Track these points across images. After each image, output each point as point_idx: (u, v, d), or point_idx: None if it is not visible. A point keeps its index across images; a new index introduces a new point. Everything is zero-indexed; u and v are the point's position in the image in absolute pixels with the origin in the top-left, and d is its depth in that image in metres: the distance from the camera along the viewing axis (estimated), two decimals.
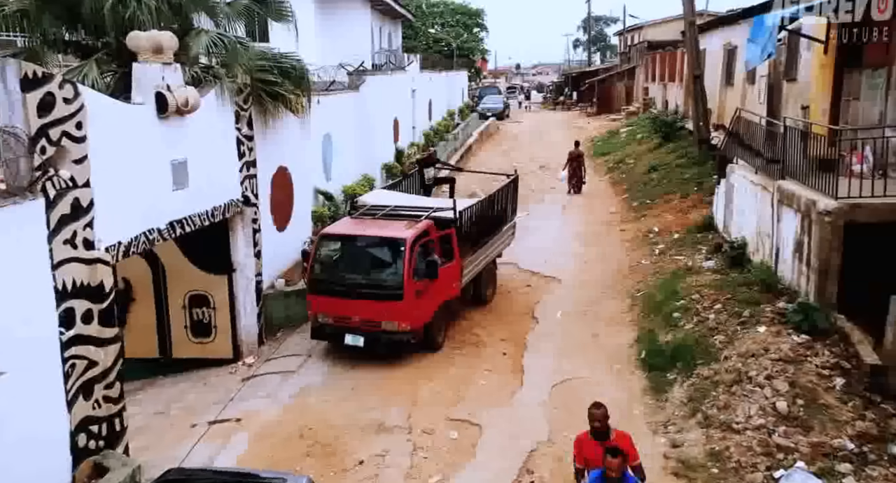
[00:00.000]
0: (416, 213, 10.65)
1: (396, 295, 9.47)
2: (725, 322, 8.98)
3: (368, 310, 9.61)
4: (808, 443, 6.53)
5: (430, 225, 10.24)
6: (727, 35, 20.41)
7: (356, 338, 9.69)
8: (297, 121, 11.78)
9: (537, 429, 7.94)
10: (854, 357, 7.66)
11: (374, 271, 9.94)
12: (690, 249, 13.00)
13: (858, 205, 8.16)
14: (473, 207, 11.44)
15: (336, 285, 9.81)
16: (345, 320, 9.75)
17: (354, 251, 10.21)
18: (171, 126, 8.12)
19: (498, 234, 12.38)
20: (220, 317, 10.17)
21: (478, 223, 11.40)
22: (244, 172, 10.07)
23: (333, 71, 16.92)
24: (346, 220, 10.97)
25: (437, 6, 54.06)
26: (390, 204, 11.17)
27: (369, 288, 9.67)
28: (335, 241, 10.33)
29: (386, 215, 10.66)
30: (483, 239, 11.62)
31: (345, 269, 10.04)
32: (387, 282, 9.64)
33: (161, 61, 7.90)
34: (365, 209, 11.06)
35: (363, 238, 10.20)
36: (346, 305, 9.70)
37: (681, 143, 21.56)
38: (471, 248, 11.10)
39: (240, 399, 8.99)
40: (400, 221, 10.34)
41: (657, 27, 46.53)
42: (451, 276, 10.45)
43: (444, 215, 10.55)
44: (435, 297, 10.03)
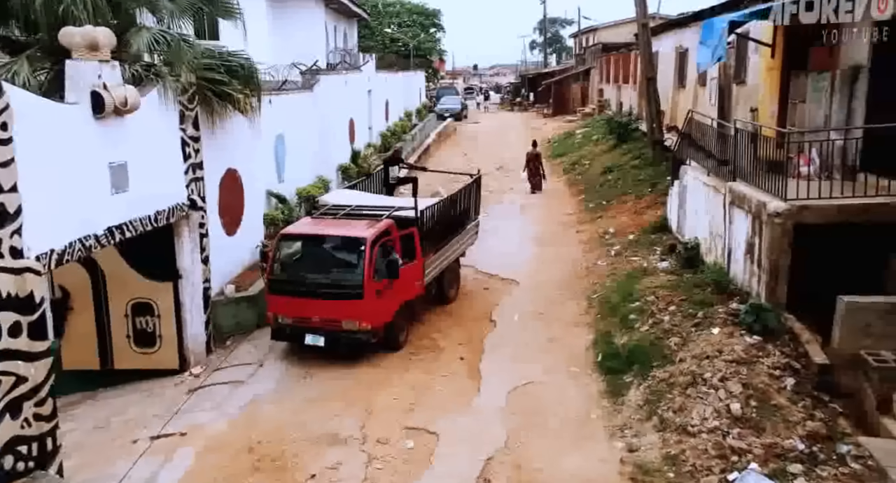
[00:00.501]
0: (377, 212, 10.64)
1: (357, 294, 9.44)
2: (680, 324, 9.02)
3: (329, 309, 9.57)
4: (761, 444, 6.56)
5: (391, 224, 10.21)
6: (679, 38, 20.75)
7: (316, 338, 9.65)
8: (247, 121, 11.40)
9: (494, 436, 7.81)
10: (804, 357, 7.76)
11: (335, 271, 9.87)
12: (646, 250, 13.10)
13: (806, 206, 8.28)
14: (435, 207, 11.46)
15: (296, 285, 9.73)
16: (305, 321, 9.70)
17: (314, 251, 10.16)
18: (109, 127, 7.72)
19: (461, 233, 12.43)
20: (165, 325, 9.76)
21: (440, 222, 11.43)
22: (190, 175, 9.68)
23: (286, 70, 16.55)
24: (307, 219, 10.92)
25: (394, 6, 53.77)
26: (351, 203, 11.15)
27: (330, 288, 9.61)
28: (295, 240, 10.27)
29: (347, 215, 10.64)
30: (446, 238, 11.67)
31: (305, 269, 9.96)
32: (347, 281, 9.57)
33: (97, 59, 7.50)
34: (325, 209, 11.03)
35: (323, 238, 10.19)
36: (307, 305, 9.64)
37: (635, 145, 21.83)
38: (433, 247, 11.11)
39: (185, 411, 8.62)
40: (361, 221, 10.31)
41: (611, 29, 47.26)
42: (413, 276, 10.45)
43: (406, 214, 10.53)
44: (396, 297, 10.01)
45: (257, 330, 10.88)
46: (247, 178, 11.96)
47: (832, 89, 9.73)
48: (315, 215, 10.91)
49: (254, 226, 12.43)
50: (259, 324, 10.87)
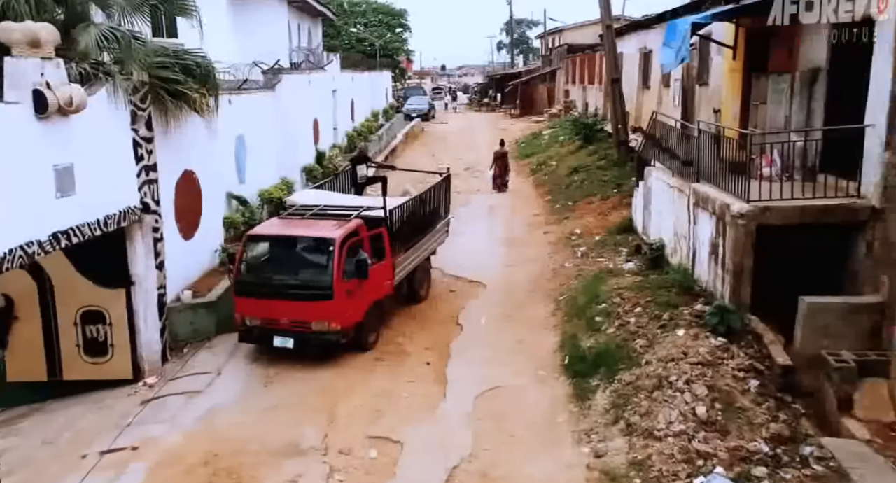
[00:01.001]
0: (345, 212, 10.54)
1: (326, 295, 9.34)
2: (646, 326, 8.98)
3: (297, 311, 9.46)
4: (726, 448, 6.53)
5: (360, 224, 10.14)
6: (643, 39, 20.93)
7: (285, 339, 9.52)
8: (205, 121, 11.07)
9: (460, 443, 7.66)
10: (767, 358, 7.77)
11: (303, 272, 9.75)
12: (612, 251, 13.10)
13: (769, 208, 8.30)
14: (405, 206, 11.40)
15: (264, 287, 9.62)
16: (273, 322, 9.57)
17: (282, 252, 10.07)
18: (54, 127, 7.36)
19: (431, 232, 12.40)
20: (118, 334, 9.38)
21: (410, 221, 11.40)
22: (143, 177, 9.32)
23: (247, 69, 16.18)
24: (274, 220, 10.82)
25: (360, 5, 53.36)
26: (319, 203, 11.04)
27: (298, 288, 9.51)
28: (262, 241, 10.17)
29: (315, 215, 10.54)
30: (416, 237, 11.63)
31: (273, 270, 9.86)
32: (316, 282, 9.46)
33: (39, 56, 7.13)
34: (293, 209, 10.91)
35: (291, 238, 10.05)
36: (275, 307, 9.51)
37: (601, 145, 21.92)
38: (403, 246, 11.04)
39: (138, 424, 8.26)
40: (329, 221, 10.21)
41: (577, 30, 47.61)
42: (383, 275, 10.40)
43: (375, 214, 10.46)
44: (366, 297, 9.91)
45: (216, 337, 10.56)
46: (205, 180, 11.61)
47: (792, 91, 9.82)
48: (282, 216, 10.76)
49: (213, 229, 12.08)
50: (218, 330, 10.56)
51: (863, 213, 8.04)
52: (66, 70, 7.53)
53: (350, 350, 9.83)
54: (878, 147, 7.81)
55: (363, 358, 9.91)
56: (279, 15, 23.84)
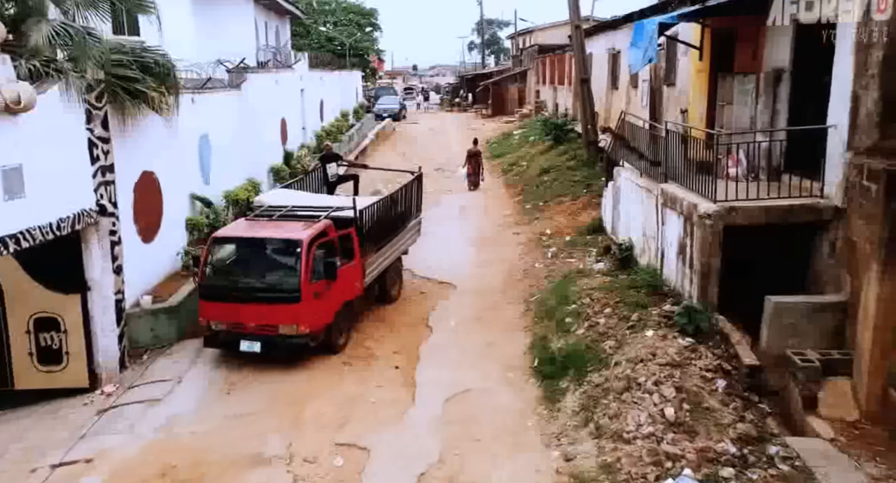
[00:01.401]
0: (314, 212, 10.38)
1: (293, 297, 9.17)
2: (615, 326, 8.95)
3: (264, 314, 9.27)
4: (694, 449, 6.49)
5: (329, 225, 10.00)
6: (611, 40, 21.02)
7: (252, 344, 9.31)
8: (166, 121, 10.75)
9: (428, 449, 7.51)
10: (734, 358, 7.79)
11: (270, 274, 9.57)
12: (582, 252, 13.09)
13: (735, 208, 8.33)
14: (375, 205, 11.23)
15: (230, 290, 9.43)
16: (240, 326, 9.38)
17: (249, 254, 9.89)
18: (1, 127, 7.03)
19: (402, 232, 12.28)
20: (73, 341, 9.06)
21: (380, 221, 11.27)
22: (99, 178, 9.01)
23: (211, 68, 15.82)
24: (241, 221, 10.58)
25: (329, 4, 52.96)
26: (288, 204, 10.85)
27: (265, 291, 9.34)
28: (228, 243, 9.99)
29: (283, 216, 10.35)
30: (387, 237, 11.51)
31: (239, 273, 9.68)
32: (283, 284, 9.30)
33: None
34: (261, 210, 10.69)
35: (258, 240, 9.86)
36: (241, 311, 9.33)
37: (571, 146, 21.99)
38: (374, 246, 10.92)
39: (93, 435, 7.97)
40: (297, 222, 10.03)
41: (547, 31, 47.82)
42: (353, 276, 10.25)
43: (344, 214, 10.32)
44: (335, 299, 9.76)
45: (178, 343, 10.26)
46: (166, 181, 11.30)
47: (757, 91, 9.88)
48: (250, 217, 10.54)
49: (175, 231, 11.76)
50: (180, 336, 10.27)
51: (826, 213, 8.11)
52: (13, 67, 7.20)
53: (318, 353, 9.65)
54: (840, 147, 7.88)
55: (330, 363, 9.71)
56: (245, 13, 23.44)
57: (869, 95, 7.45)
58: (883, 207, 6.81)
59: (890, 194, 6.70)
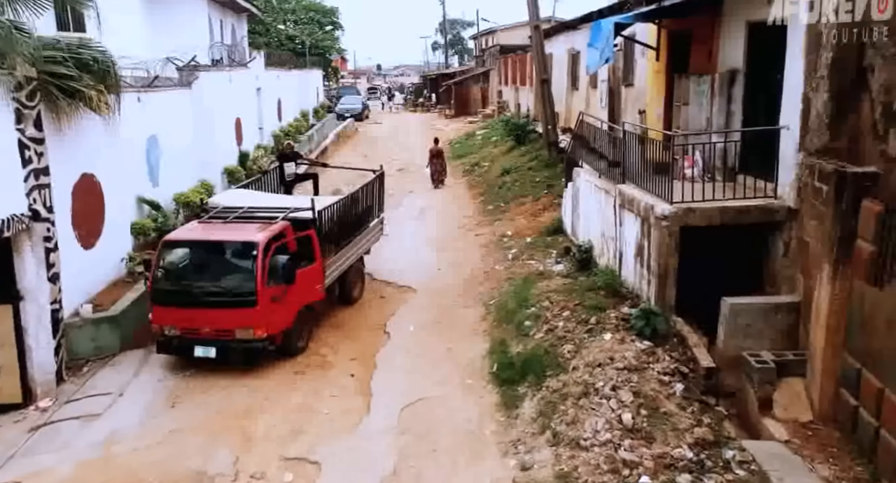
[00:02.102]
0: (271, 214, 10.12)
1: (249, 302, 8.97)
2: (574, 330, 8.84)
3: (220, 319, 9.09)
4: (652, 455, 6.40)
5: (287, 226, 9.77)
6: (571, 40, 21.06)
7: (207, 349, 9.12)
8: (105, 121, 10.27)
9: (383, 461, 7.28)
10: (692, 361, 7.74)
11: (225, 278, 9.40)
12: (542, 253, 12.99)
13: (692, 209, 8.29)
14: (335, 206, 11.02)
15: (183, 295, 9.21)
16: (194, 331, 9.16)
17: (202, 257, 9.71)
18: None
19: (364, 232, 12.12)
20: (4, 354, 8.53)
21: (341, 221, 11.10)
22: (31, 181, 8.53)
23: (160, 66, 15.30)
24: (194, 224, 10.29)
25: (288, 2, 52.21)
26: (244, 205, 10.58)
27: (220, 296, 9.16)
28: (181, 247, 9.73)
29: (238, 218, 10.07)
30: (348, 237, 11.35)
31: (192, 277, 9.49)
32: (238, 288, 9.11)
33: None
34: (215, 211, 10.42)
35: (211, 243, 9.68)
36: (195, 316, 9.11)
37: (533, 146, 21.94)
38: (334, 247, 10.75)
39: (24, 455, 7.50)
40: (253, 224, 9.80)
41: (509, 31, 47.94)
42: (313, 279, 10.05)
43: (302, 215, 10.08)
44: (294, 302, 9.57)
45: (121, 354, 9.82)
46: (109, 184, 10.82)
47: (712, 92, 9.89)
48: (204, 219, 10.23)
49: (118, 236, 11.27)
50: (123, 347, 9.83)
51: (780, 214, 8.12)
52: None
53: (272, 359, 9.41)
54: (793, 148, 7.90)
55: (282, 372, 9.40)
56: (198, 9, 22.81)
57: (819, 97, 7.47)
58: (833, 208, 6.81)
59: (840, 195, 6.71)
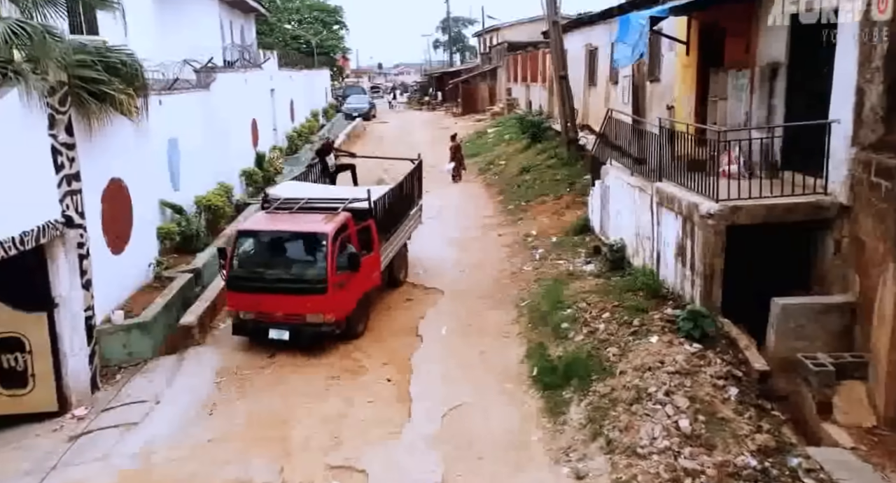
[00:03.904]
0: (331, 204, 10.70)
1: (320, 288, 9.54)
2: (617, 332, 8.63)
3: (292, 304, 9.66)
4: (714, 463, 6.19)
5: (349, 217, 10.30)
6: (587, 36, 20.81)
7: (281, 332, 9.71)
8: (134, 125, 10.11)
9: (429, 469, 7.09)
10: (744, 363, 7.53)
11: (297, 266, 10.04)
12: (570, 253, 12.78)
13: (739, 207, 8.07)
14: (386, 195, 11.58)
15: (257, 281, 9.81)
16: (268, 315, 9.75)
17: (274, 247, 10.30)
18: None
19: (408, 218, 12.82)
20: (39, 362, 8.39)
21: (391, 210, 11.70)
22: (64, 187, 8.36)
23: (177, 68, 15.11)
24: (262, 215, 10.86)
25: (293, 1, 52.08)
26: (302, 196, 11.08)
27: (292, 283, 9.74)
28: (254, 237, 10.33)
29: (301, 208, 10.63)
30: (396, 225, 11.99)
31: (265, 265, 10.09)
32: (310, 276, 9.70)
33: None
34: (279, 203, 10.90)
35: (282, 233, 10.29)
36: (269, 301, 9.71)
37: (549, 144, 21.71)
38: (385, 235, 11.31)
39: (65, 465, 7.33)
40: (317, 214, 10.40)
41: (514, 28, 47.63)
42: (372, 266, 10.68)
43: (360, 206, 10.61)
44: (357, 288, 10.18)
45: (152, 360, 9.66)
46: (135, 189, 10.65)
47: (752, 87, 9.66)
48: (269, 210, 10.74)
49: (145, 241, 11.11)
50: (155, 353, 9.68)
51: (830, 211, 7.90)
52: None
53: (307, 365, 9.38)
54: (844, 143, 7.67)
55: (316, 378, 9.22)
56: (210, 11, 22.67)
57: (874, 89, 7.25)
58: None
59: None
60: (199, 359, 9.78)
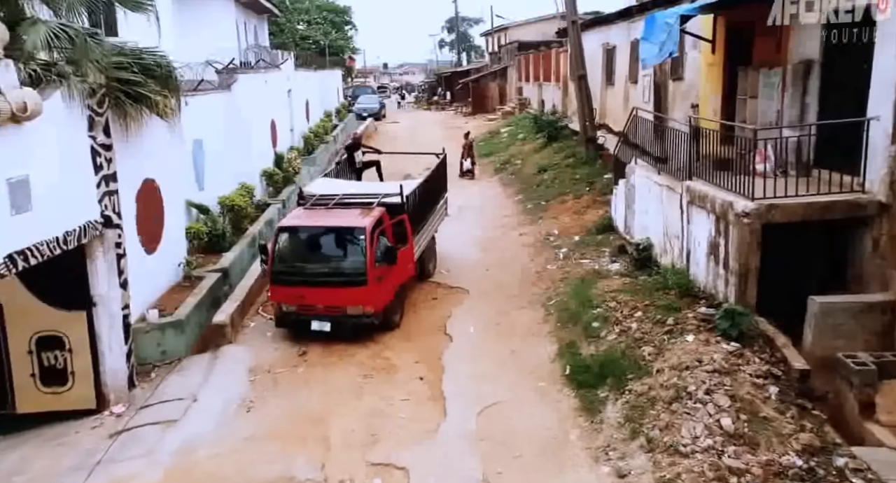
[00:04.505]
0: (365, 200, 11.09)
1: (360, 281, 9.89)
2: (650, 331, 8.64)
3: (332, 296, 10.03)
4: (758, 463, 6.20)
5: (384, 212, 10.67)
6: (605, 36, 20.77)
7: (322, 323, 10.07)
8: (164, 126, 10.19)
9: (469, 468, 7.13)
10: (782, 362, 7.53)
11: (337, 260, 10.52)
12: (594, 252, 12.79)
13: (775, 205, 8.07)
14: (417, 189, 11.89)
15: (298, 275, 10.18)
16: (309, 308, 10.10)
17: (314, 241, 10.76)
18: (6, 137, 6.49)
19: (436, 211, 13.32)
20: (79, 360, 8.48)
21: (421, 203, 12.10)
22: (103, 188, 8.44)
23: (200, 69, 15.19)
24: (300, 211, 11.20)
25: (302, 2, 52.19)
26: (337, 192, 11.50)
27: (332, 276, 10.17)
28: (294, 232, 10.70)
29: (337, 204, 11.04)
30: (426, 217, 12.46)
31: (306, 259, 10.54)
32: (349, 269, 10.10)
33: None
34: (315, 199, 11.30)
35: (322, 228, 10.73)
36: (310, 294, 10.04)
37: (566, 143, 21.71)
38: (417, 227, 11.64)
39: (108, 461, 7.41)
40: (353, 209, 10.84)
41: (523, 28, 47.71)
42: (407, 258, 11.04)
43: (393, 201, 10.96)
44: (394, 280, 10.59)
45: (186, 358, 9.74)
46: (166, 189, 10.73)
47: (783, 85, 9.65)
48: (307, 206, 11.13)
49: (176, 241, 11.20)
50: (187, 351, 9.76)
51: (869, 209, 7.89)
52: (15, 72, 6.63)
53: (340, 363, 9.49)
54: (884, 140, 7.66)
55: (349, 376, 9.29)
56: (227, 12, 22.79)
57: None
58: None
59: None
60: (233, 357, 9.85)
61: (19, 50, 7.51)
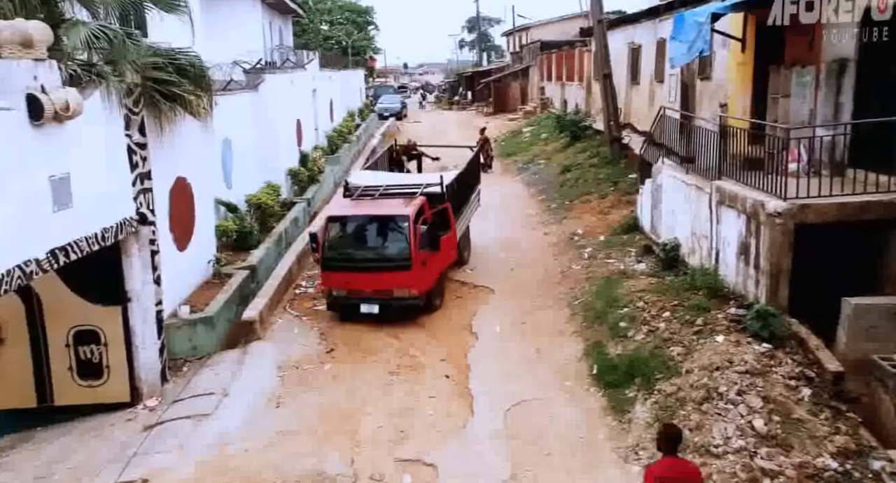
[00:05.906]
0: (409, 190, 11.67)
1: (405, 265, 10.50)
2: (679, 331, 8.60)
3: (380, 280, 10.63)
4: (792, 464, 6.16)
5: (425, 201, 11.21)
6: (630, 35, 20.64)
7: (371, 306, 10.70)
8: (196, 125, 10.36)
9: (498, 465, 7.17)
10: (815, 364, 7.45)
11: (383, 246, 11.10)
12: (619, 252, 12.74)
13: (808, 205, 7.99)
14: (454, 181, 12.39)
15: (348, 261, 10.81)
16: (359, 292, 10.71)
17: (362, 229, 11.39)
18: (49, 135, 6.64)
19: (471, 201, 14.00)
20: (114, 354, 8.67)
21: (459, 193, 12.66)
22: (138, 186, 8.61)
23: (228, 69, 15.39)
24: (346, 201, 11.78)
25: (325, 2, 52.53)
26: (380, 183, 12.05)
27: (380, 261, 10.80)
28: (343, 221, 11.32)
29: (382, 194, 11.60)
30: (463, 206, 13.10)
31: (355, 246, 11.22)
32: (395, 254, 10.69)
33: (32, 57, 6.39)
34: (361, 190, 11.80)
35: (369, 217, 11.27)
36: (359, 279, 10.66)
37: (590, 143, 21.62)
38: (456, 215, 12.11)
39: (143, 453, 7.56)
40: (397, 199, 11.40)
41: (545, 27, 47.53)
42: (449, 245, 11.67)
43: (433, 190, 11.46)
44: (436, 265, 11.20)
45: (216, 354, 9.89)
46: (197, 187, 10.90)
47: (817, 84, 9.54)
48: (353, 197, 11.67)
49: (206, 238, 11.37)
50: (218, 347, 9.90)
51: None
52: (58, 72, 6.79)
53: (366, 360, 9.48)
54: None
55: (377, 373, 9.36)
56: (253, 13, 23.00)
57: None
58: None
59: None
60: (262, 353, 9.98)
61: (59, 50, 7.68)
